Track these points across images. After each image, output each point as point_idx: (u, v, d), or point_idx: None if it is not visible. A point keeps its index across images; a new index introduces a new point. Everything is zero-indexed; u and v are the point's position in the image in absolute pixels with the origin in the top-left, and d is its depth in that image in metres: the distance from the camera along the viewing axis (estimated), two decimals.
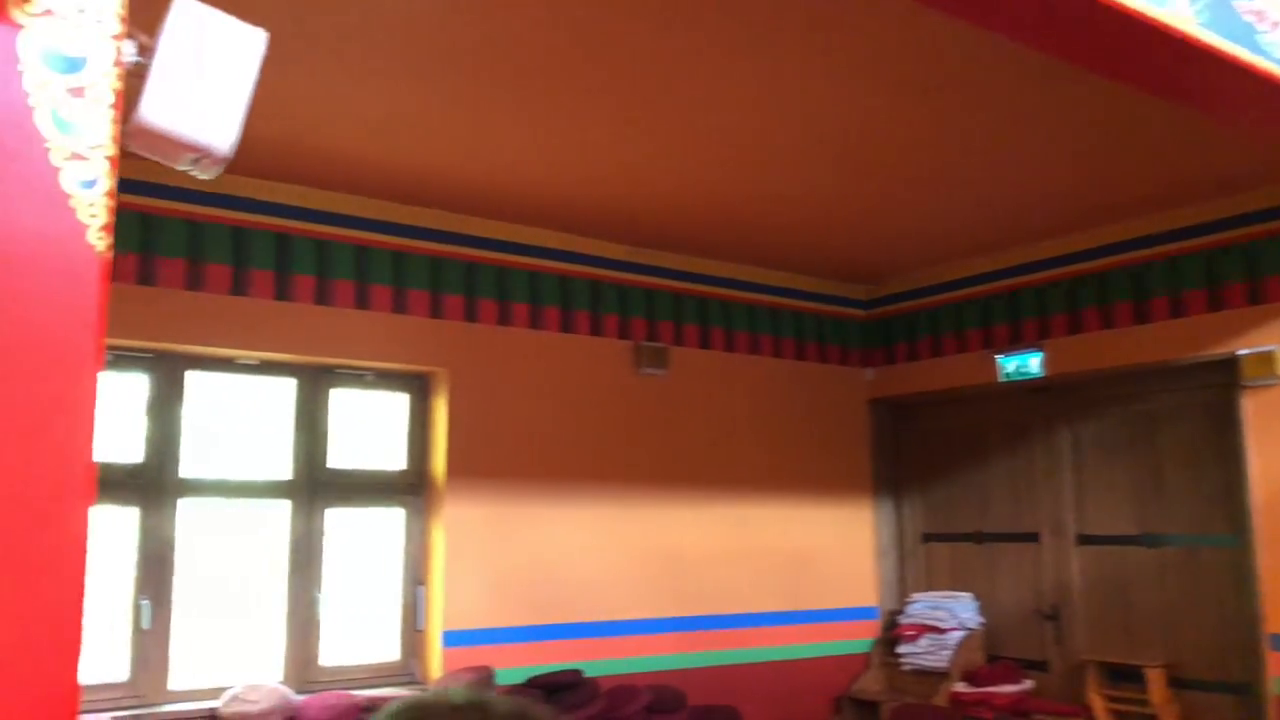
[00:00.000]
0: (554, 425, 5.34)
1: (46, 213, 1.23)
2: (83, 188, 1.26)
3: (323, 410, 4.99)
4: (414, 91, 3.76)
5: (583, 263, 5.52)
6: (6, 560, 1.19)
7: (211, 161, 1.45)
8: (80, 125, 1.27)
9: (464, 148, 4.31)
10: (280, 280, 4.68)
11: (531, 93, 3.77)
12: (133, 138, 1.40)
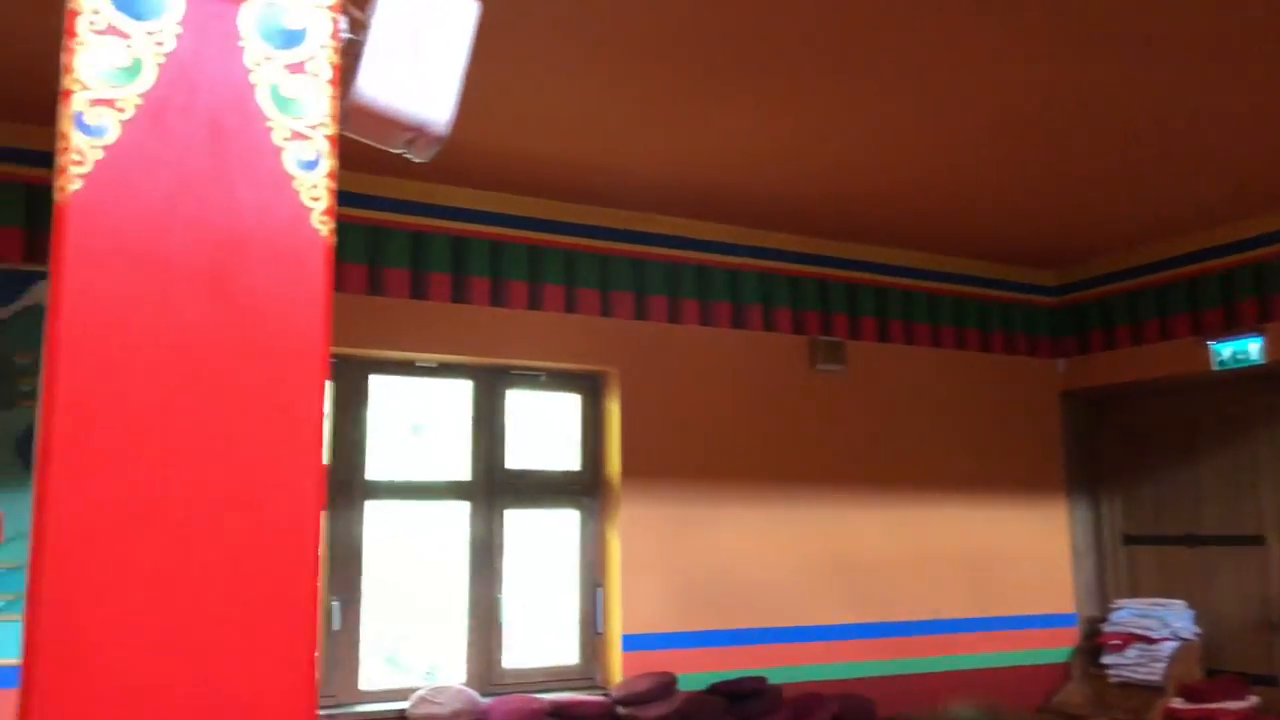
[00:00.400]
0: (727, 424, 5.19)
1: (270, 197, 1.16)
2: (305, 169, 1.19)
3: (499, 411, 4.98)
4: (588, 88, 3.68)
5: (754, 255, 5.35)
6: (248, 558, 1.13)
7: (427, 141, 1.36)
8: (301, 102, 1.20)
9: (635, 144, 4.21)
10: (456, 283, 4.69)
11: (707, 88, 3.64)
12: (348, 119, 1.32)
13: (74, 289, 1.07)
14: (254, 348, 1.14)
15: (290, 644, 1.16)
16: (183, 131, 1.14)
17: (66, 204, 1.09)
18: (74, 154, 1.10)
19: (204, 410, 1.13)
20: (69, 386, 1.09)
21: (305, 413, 1.16)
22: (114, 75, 1.13)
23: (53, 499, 1.08)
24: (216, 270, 1.13)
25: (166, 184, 1.13)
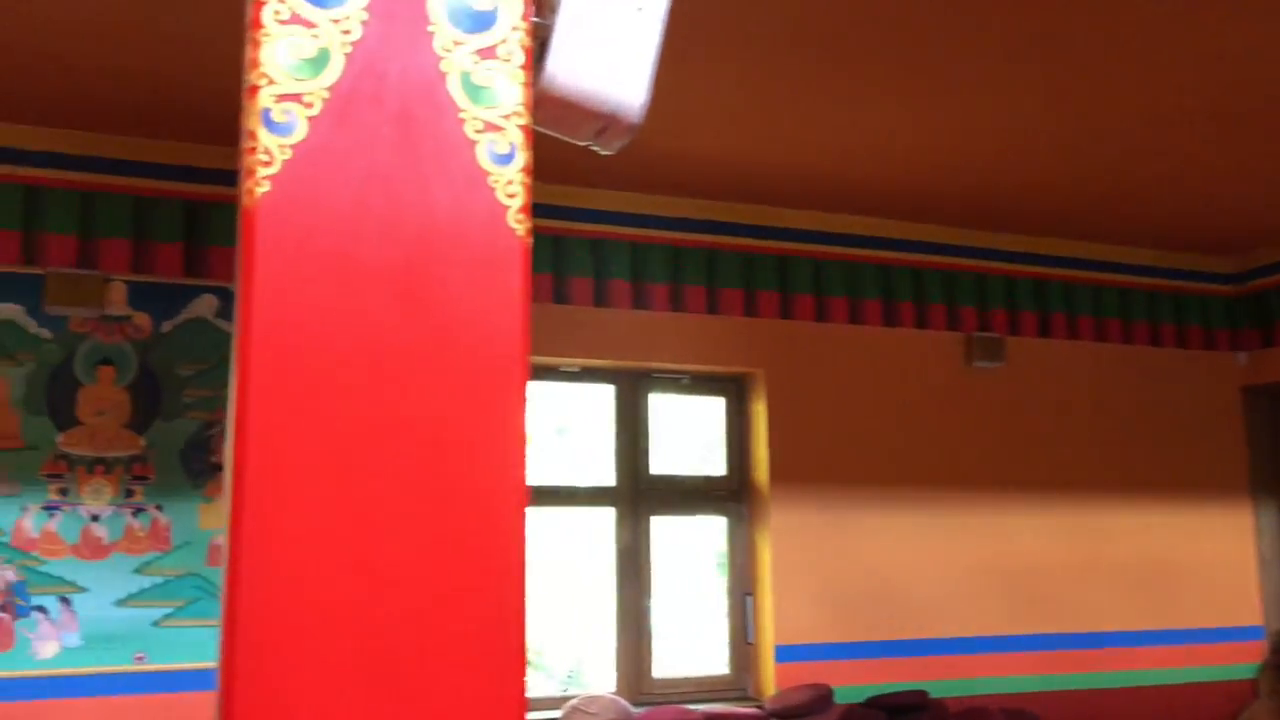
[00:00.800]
0: (880, 426, 4.97)
1: (464, 194, 1.07)
2: (499, 163, 1.09)
3: (642, 416, 4.89)
4: (728, 83, 3.54)
5: (905, 249, 5.11)
6: (449, 573, 1.04)
7: (619, 130, 1.25)
8: (493, 91, 1.10)
9: (779, 138, 4.05)
10: (598, 286, 4.62)
11: (853, 78, 3.45)
12: (536, 109, 1.22)
13: (264, 296, 1.00)
14: (450, 355, 1.05)
15: (500, 659, 1.08)
16: (372, 126, 1.06)
17: (255, 208, 1.02)
18: (261, 154, 1.03)
19: (400, 420, 1.05)
20: (261, 395, 1.02)
21: (506, 422, 1.07)
22: (300, 68, 1.06)
23: (248, 509, 1.02)
24: (409, 273, 1.04)
25: (356, 182, 1.05)
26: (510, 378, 1.08)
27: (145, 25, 3.16)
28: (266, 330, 1.00)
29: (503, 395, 1.07)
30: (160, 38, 3.23)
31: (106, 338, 3.82)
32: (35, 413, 3.69)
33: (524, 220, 1.11)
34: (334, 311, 1.03)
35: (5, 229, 3.75)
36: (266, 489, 1.02)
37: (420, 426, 1.05)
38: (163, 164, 3.99)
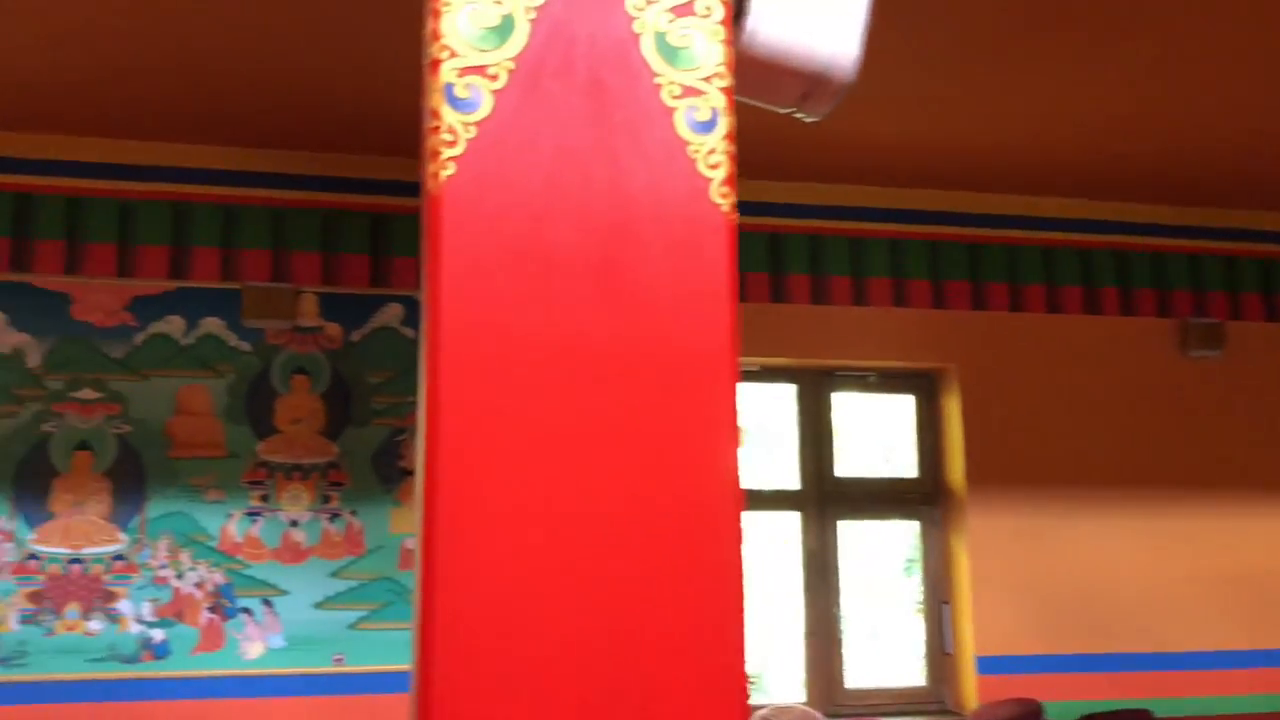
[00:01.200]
0: (1084, 422, 4.61)
1: (662, 167, 0.96)
2: (700, 131, 0.98)
3: (826, 416, 4.70)
4: (908, 61, 3.32)
5: (1108, 231, 4.73)
6: (664, 569, 0.94)
7: (827, 93, 1.12)
8: (691, 52, 0.99)
9: (964, 118, 3.80)
10: (774, 281, 4.47)
11: (1051, 40, 3.17)
12: (736, 73, 1.10)
13: (452, 287, 0.92)
14: (651, 345, 0.95)
15: (720, 665, 0.97)
16: (561, 97, 0.97)
17: (440, 193, 0.94)
18: (445, 134, 0.95)
19: (600, 417, 0.95)
20: (452, 392, 0.94)
21: (716, 417, 0.95)
22: (484, 37, 0.97)
23: (441, 508, 0.95)
24: (605, 258, 0.94)
25: (546, 161, 0.96)
26: (719, 369, 0.96)
27: (331, 43, 3.23)
28: (456, 323, 0.92)
29: (711, 388, 0.96)
30: (346, 56, 3.30)
31: (300, 348, 3.94)
32: (236, 422, 3.84)
33: (729, 194, 0.99)
34: (526, 301, 0.95)
35: (206, 246, 3.93)
36: (457, 491, 0.94)
37: (621, 424, 0.95)
38: (349, 178, 4.09)
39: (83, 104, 3.63)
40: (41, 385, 3.71)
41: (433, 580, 0.98)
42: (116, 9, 3.04)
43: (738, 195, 3.44)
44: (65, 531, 3.65)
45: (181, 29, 3.16)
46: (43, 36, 3.18)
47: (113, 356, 3.79)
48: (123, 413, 3.76)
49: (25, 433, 3.68)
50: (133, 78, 3.45)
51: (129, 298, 3.85)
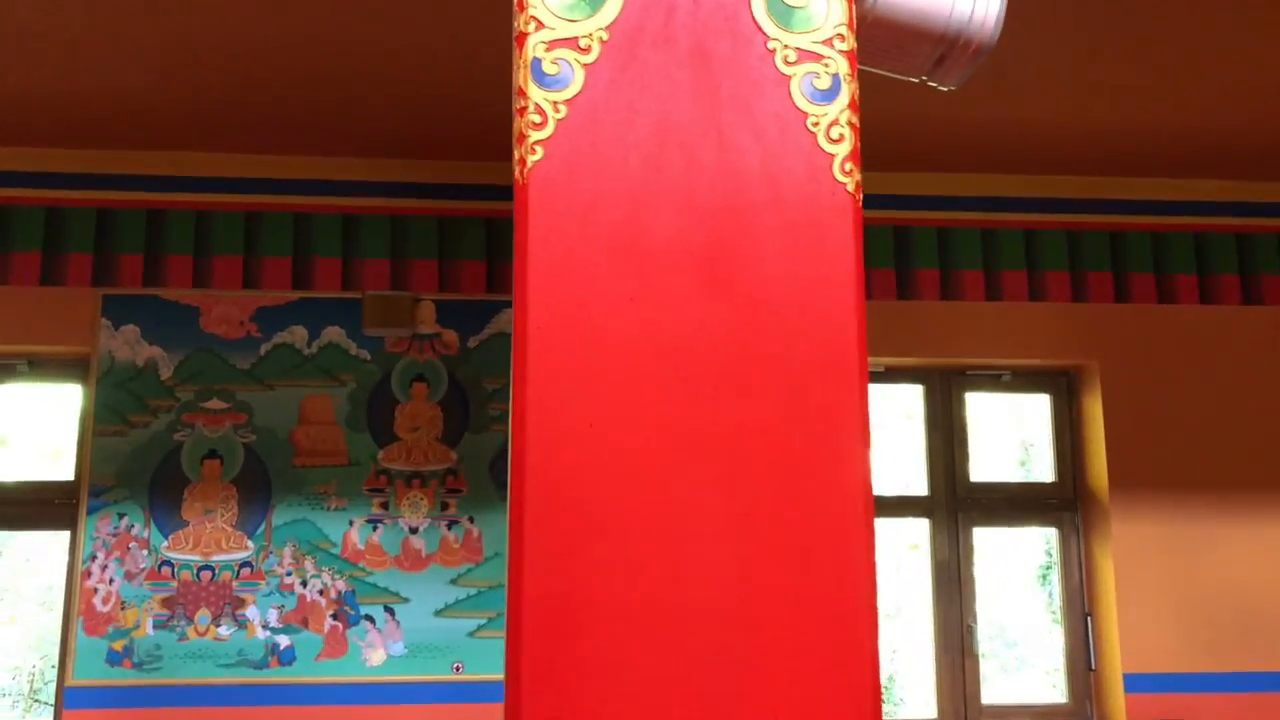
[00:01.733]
0: (1238, 421, 4.26)
1: (778, 143, 0.85)
2: (820, 100, 0.86)
3: (958, 417, 4.47)
4: (1050, 28, 3.10)
5: (1268, 214, 4.37)
6: (785, 579, 0.83)
7: (964, 56, 0.98)
8: (808, 12, 0.87)
9: (1111, 93, 3.54)
10: (900, 276, 4.27)
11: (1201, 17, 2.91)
12: (860, 38, 0.97)
13: (540, 285, 0.83)
14: (769, 343, 0.84)
15: (852, 674, 0.86)
16: (660, 69, 0.86)
17: (527, 181, 0.85)
18: (532, 115, 0.86)
19: (709, 426, 0.84)
20: (540, 396, 0.85)
21: (843, 422, 0.83)
22: (574, 6, 0.88)
23: (528, 518, 0.86)
24: (714, 248, 0.84)
25: (645, 141, 0.86)
26: (845, 367, 0.85)
27: (445, 53, 3.22)
28: (545, 326, 0.83)
29: (837, 389, 0.84)
30: (459, 64, 3.29)
31: (419, 355, 3.95)
32: (357, 430, 3.86)
33: (854, 171, 0.87)
34: (625, 300, 0.85)
35: (328, 256, 3.97)
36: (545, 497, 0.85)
37: (737, 432, 0.84)
38: (465, 184, 4.09)
39: (210, 122, 3.72)
40: (173, 396, 3.81)
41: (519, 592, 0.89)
42: (234, 32, 3.09)
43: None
44: (196, 539, 3.74)
45: (302, 49, 3.20)
46: (168, 62, 3.26)
47: (239, 367, 3.87)
48: (249, 422, 3.83)
49: (159, 442, 3.79)
50: (256, 96, 3.52)
51: (254, 309, 3.92)
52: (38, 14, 2.97)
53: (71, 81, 3.39)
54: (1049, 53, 3.30)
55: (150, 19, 3.02)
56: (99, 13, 2.98)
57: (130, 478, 3.74)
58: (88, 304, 3.87)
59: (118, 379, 3.80)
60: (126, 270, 3.88)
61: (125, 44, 3.16)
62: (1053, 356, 4.36)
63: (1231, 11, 3.03)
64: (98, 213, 3.92)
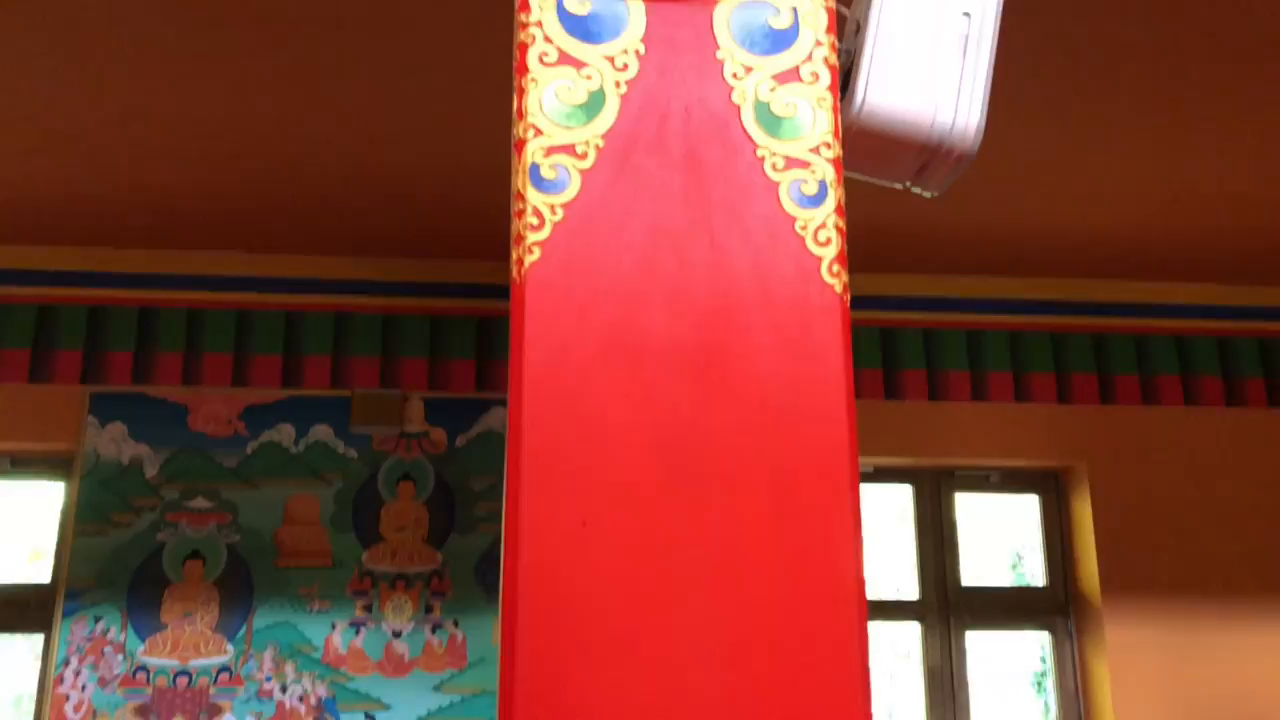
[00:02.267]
0: (1230, 524, 4.25)
1: (767, 245, 0.87)
2: (808, 205, 0.89)
3: (947, 518, 4.46)
4: (1029, 133, 3.20)
5: (1250, 317, 4.44)
6: (787, 685, 0.81)
7: (946, 165, 1.02)
8: (796, 121, 0.90)
9: (1092, 196, 3.63)
10: (888, 377, 4.31)
11: (1177, 113, 3.01)
12: (846, 146, 1.01)
13: (535, 380, 0.84)
14: (760, 441, 0.84)
15: None
16: (654, 174, 0.89)
17: (524, 279, 0.87)
18: (530, 217, 0.88)
19: (700, 524, 0.84)
20: (533, 492, 0.85)
21: (835, 522, 0.83)
22: (571, 114, 0.91)
23: (521, 626, 0.84)
24: (706, 346, 0.85)
25: (639, 243, 0.88)
26: (837, 466, 0.85)
27: (437, 151, 3.29)
28: (539, 421, 0.83)
29: (829, 486, 0.84)
30: (452, 163, 3.36)
31: (406, 454, 3.93)
32: (342, 530, 3.82)
33: (841, 273, 0.89)
34: (618, 396, 0.86)
35: (318, 354, 3.99)
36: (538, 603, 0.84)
37: (728, 531, 0.84)
38: (456, 283, 4.13)
39: (203, 221, 3.77)
40: (158, 495, 3.77)
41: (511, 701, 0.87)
42: (227, 133, 3.16)
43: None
44: (174, 642, 3.65)
45: (294, 149, 3.26)
46: (161, 161, 3.32)
47: (225, 465, 3.84)
48: (233, 521, 3.79)
49: (141, 542, 3.73)
50: (250, 195, 3.57)
51: (242, 406, 3.91)
52: (32, 112, 3.03)
53: (66, 180, 3.44)
54: (1032, 157, 3.39)
55: (143, 119, 3.08)
56: (93, 113, 3.04)
57: (109, 579, 3.67)
58: (75, 401, 3.86)
59: (102, 477, 3.77)
60: (116, 367, 3.88)
61: (119, 143, 3.22)
62: (1040, 458, 4.36)
63: (1210, 120, 3.13)
64: (89, 310, 3.93)
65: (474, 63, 2.79)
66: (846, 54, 1.04)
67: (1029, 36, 2.64)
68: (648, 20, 0.92)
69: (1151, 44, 2.72)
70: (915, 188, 1.09)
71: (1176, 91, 2.96)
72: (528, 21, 0.91)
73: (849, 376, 0.88)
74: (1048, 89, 2.94)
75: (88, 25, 2.63)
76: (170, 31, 2.65)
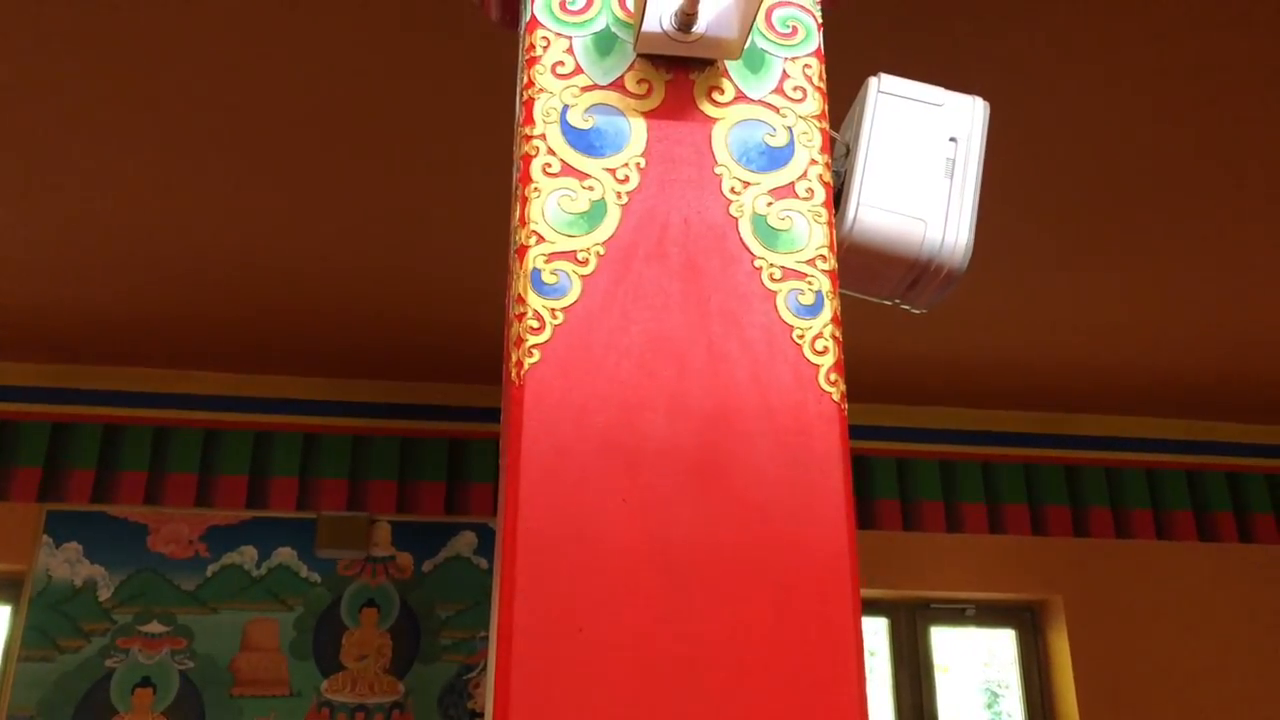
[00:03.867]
0: (1210, 662, 4.20)
1: (765, 354, 0.87)
2: (804, 315, 0.89)
3: (923, 653, 4.37)
4: (999, 270, 3.28)
5: (1218, 453, 4.49)
6: None
7: (936, 282, 1.04)
8: (792, 234, 0.92)
9: (1063, 330, 3.70)
10: (861, 507, 4.28)
11: (1151, 251, 3.11)
12: (840, 257, 1.03)
13: (532, 484, 0.82)
14: (758, 554, 0.83)
15: None
16: (654, 282, 0.90)
17: (523, 382, 0.86)
18: (531, 320, 0.88)
19: (698, 637, 0.81)
20: (528, 598, 0.82)
21: (834, 635, 0.81)
22: (573, 223, 0.92)
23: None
24: (704, 455, 0.84)
25: (639, 348, 0.88)
26: (837, 575, 0.83)
27: (407, 274, 3.32)
28: (536, 524, 0.81)
29: (830, 598, 0.83)
30: (422, 286, 3.38)
31: (371, 579, 3.83)
32: (301, 658, 3.68)
33: (839, 381, 0.89)
34: (616, 501, 0.84)
35: (284, 476, 3.92)
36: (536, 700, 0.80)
37: (726, 644, 0.81)
38: (426, 405, 4.11)
39: (170, 339, 3.75)
40: (110, 619, 3.63)
41: None
42: (198, 253, 3.17)
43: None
44: None
45: (263, 270, 3.28)
46: (130, 279, 3.32)
47: (183, 588, 3.71)
48: (188, 647, 3.64)
49: (88, 669, 3.57)
50: (219, 315, 3.56)
51: (205, 527, 3.81)
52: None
53: (31, 296, 3.42)
54: (1003, 291, 3.47)
55: (112, 236, 3.07)
56: (60, 229, 3.04)
57: (52, 708, 3.49)
58: (30, 519, 3.74)
59: (52, 600, 3.63)
60: (75, 485, 3.78)
61: (87, 260, 3.21)
62: (1016, 590, 4.32)
63: (1179, 258, 3.23)
64: (51, 426, 3.86)
65: (450, 187, 2.84)
66: (837, 176, 1.08)
67: (1000, 174, 2.74)
68: (649, 136, 0.95)
69: (1121, 186, 2.82)
70: (904, 304, 1.12)
71: (1145, 230, 3.06)
72: (532, 134, 0.94)
73: (848, 484, 0.88)
74: (1019, 225, 3.03)
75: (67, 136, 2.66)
76: (140, 149, 2.68)
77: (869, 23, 2.06)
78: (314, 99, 2.49)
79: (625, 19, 0.99)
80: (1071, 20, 2.16)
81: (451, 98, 2.45)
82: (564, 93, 0.95)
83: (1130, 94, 2.44)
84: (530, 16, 0.98)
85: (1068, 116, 2.52)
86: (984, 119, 1.10)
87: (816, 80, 1.00)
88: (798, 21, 1.01)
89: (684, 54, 0.96)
